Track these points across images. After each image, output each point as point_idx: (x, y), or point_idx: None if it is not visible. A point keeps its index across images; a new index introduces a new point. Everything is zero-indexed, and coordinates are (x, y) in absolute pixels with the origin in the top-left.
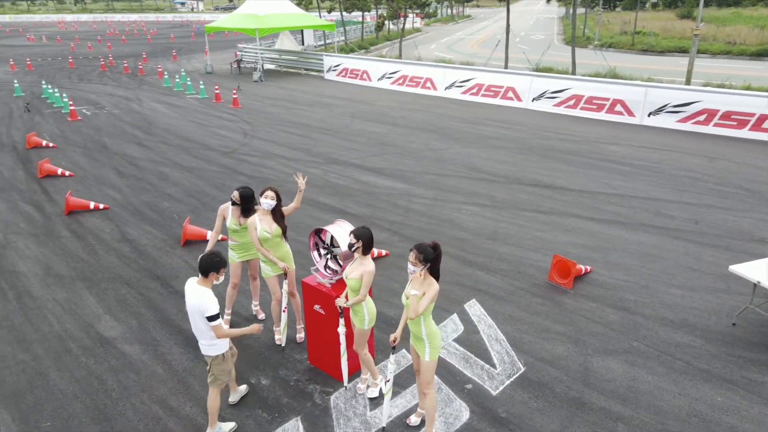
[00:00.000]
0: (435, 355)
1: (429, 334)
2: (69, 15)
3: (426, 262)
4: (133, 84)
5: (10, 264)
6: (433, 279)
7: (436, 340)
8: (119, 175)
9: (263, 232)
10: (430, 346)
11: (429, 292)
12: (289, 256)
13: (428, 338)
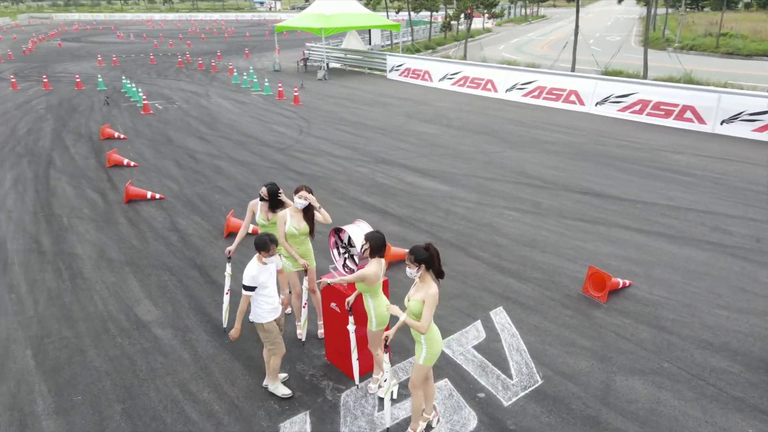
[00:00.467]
0: (430, 360)
1: (428, 339)
2: (157, 14)
3: (419, 262)
4: (205, 80)
5: (70, 246)
6: (431, 281)
7: (434, 347)
8: (178, 167)
9: (291, 228)
10: (426, 351)
11: (427, 300)
12: (310, 254)
13: (426, 343)
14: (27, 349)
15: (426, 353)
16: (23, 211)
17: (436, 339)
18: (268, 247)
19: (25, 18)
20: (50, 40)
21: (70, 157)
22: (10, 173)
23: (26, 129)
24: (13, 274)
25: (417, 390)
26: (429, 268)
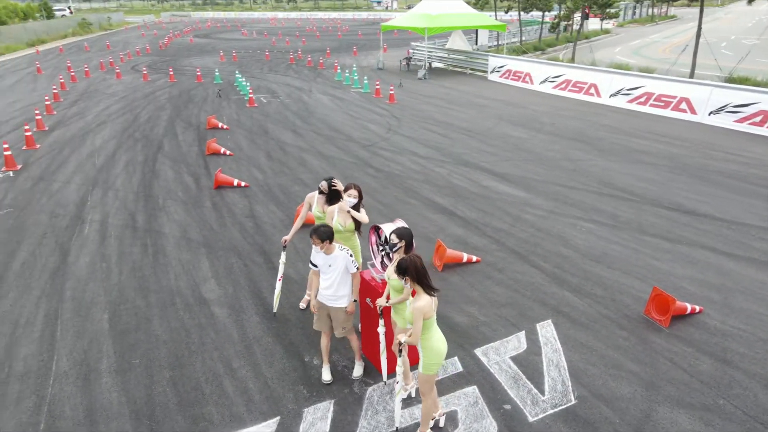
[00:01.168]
0: (430, 369)
1: (424, 348)
2: (281, 12)
3: (402, 274)
4: (311, 76)
5: (159, 225)
6: (422, 293)
7: (431, 355)
8: (268, 158)
9: (337, 224)
10: (424, 360)
11: (414, 312)
12: (356, 250)
13: (423, 352)
14: (105, 313)
15: (424, 361)
16: (128, 190)
17: (434, 348)
18: (312, 236)
19: (168, 16)
20: (184, 36)
21: (177, 143)
22: (124, 156)
23: (147, 117)
24: (108, 245)
25: (426, 397)
26: (416, 282)
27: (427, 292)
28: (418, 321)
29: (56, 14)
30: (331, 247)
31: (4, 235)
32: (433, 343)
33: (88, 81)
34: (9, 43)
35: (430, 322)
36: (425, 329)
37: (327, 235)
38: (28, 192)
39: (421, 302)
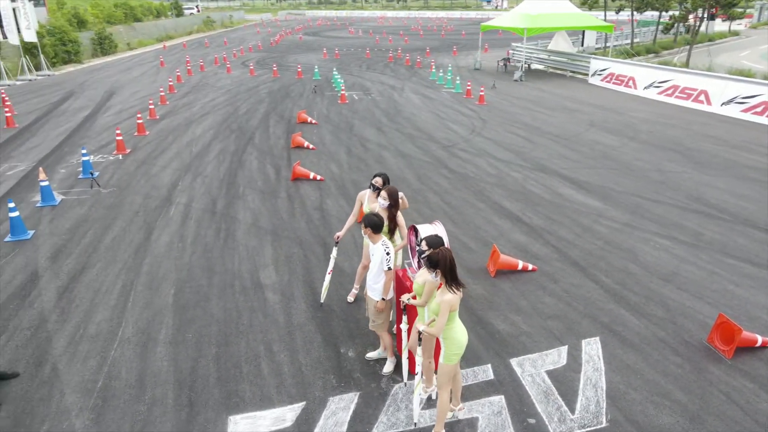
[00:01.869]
0: (451, 360)
1: (446, 339)
2: (390, 12)
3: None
4: (406, 75)
5: (234, 211)
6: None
7: (453, 346)
8: (348, 153)
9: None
10: (446, 350)
11: (442, 305)
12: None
13: (445, 342)
14: (172, 289)
15: (446, 351)
16: (214, 177)
17: (456, 338)
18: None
19: (284, 14)
20: (295, 33)
21: (267, 136)
22: (219, 145)
23: (246, 109)
24: (187, 227)
25: (443, 390)
26: (444, 276)
27: (450, 288)
28: (445, 314)
29: (185, 12)
30: (376, 237)
31: (104, 211)
32: (454, 334)
33: (202, 75)
34: (141, 38)
35: (454, 314)
36: (449, 321)
37: (370, 223)
38: (131, 174)
39: (449, 295)
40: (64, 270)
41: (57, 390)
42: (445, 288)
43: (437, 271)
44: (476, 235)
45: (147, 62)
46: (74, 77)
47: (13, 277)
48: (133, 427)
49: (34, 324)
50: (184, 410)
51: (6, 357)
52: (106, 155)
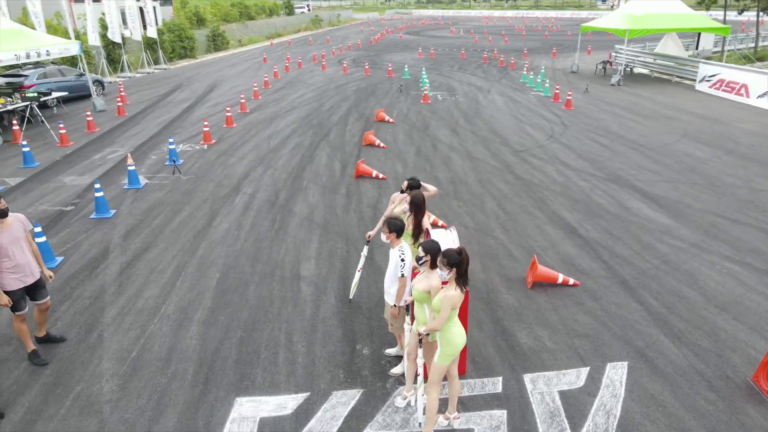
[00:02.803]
0: (444, 360)
1: (442, 339)
2: (498, 11)
3: (450, 266)
4: (497, 77)
5: (293, 204)
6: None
7: (448, 347)
8: (417, 153)
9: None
10: (441, 350)
11: (444, 300)
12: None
13: (441, 341)
14: (218, 273)
15: (440, 351)
16: (283, 170)
17: (452, 340)
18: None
19: (391, 13)
20: (397, 32)
21: (343, 132)
22: (295, 140)
23: (330, 106)
24: (247, 216)
25: (432, 389)
26: (458, 273)
27: (459, 284)
28: (446, 310)
29: (296, 11)
30: (395, 242)
31: (179, 196)
32: (451, 335)
33: (299, 71)
34: (252, 35)
35: (453, 313)
36: (447, 320)
37: (395, 228)
38: (211, 163)
39: (453, 292)
40: (131, 248)
41: (97, 356)
42: (451, 285)
43: (453, 270)
44: (524, 244)
45: (252, 58)
46: (185, 71)
47: (88, 250)
48: (151, 396)
49: (94, 294)
50: (199, 387)
51: (64, 321)
52: (194, 144)
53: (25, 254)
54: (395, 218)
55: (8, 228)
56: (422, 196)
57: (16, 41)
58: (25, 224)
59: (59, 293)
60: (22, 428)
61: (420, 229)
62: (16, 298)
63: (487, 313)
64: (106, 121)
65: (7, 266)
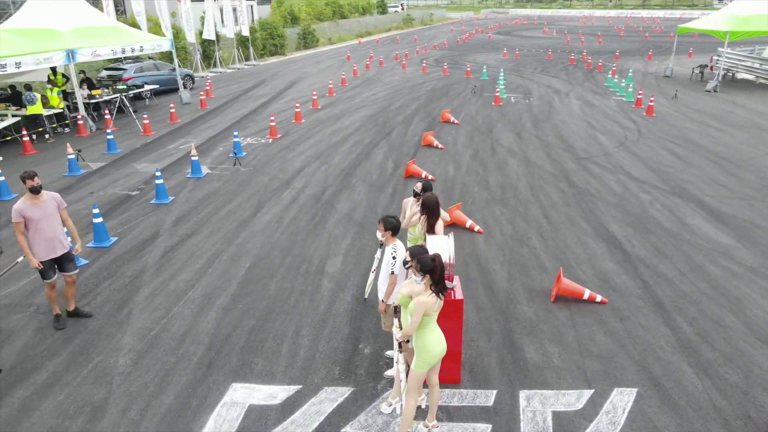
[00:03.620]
0: (420, 367)
1: (418, 346)
2: (599, 11)
3: (423, 272)
4: (580, 80)
5: (337, 200)
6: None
7: (424, 354)
8: (473, 156)
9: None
10: (417, 357)
11: (416, 305)
12: None
13: (417, 349)
14: (248, 262)
15: (416, 359)
16: (337, 167)
17: (428, 347)
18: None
19: (487, 12)
20: (488, 32)
21: (405, 132)
22: (356, 137)
23: (399, 105)
24: (290, 209)
25: (409, 396)
26: (432, 280)
27: (435, 291)
28: (418, 314)
29: (389, 10)
30: (390, 239)
31: (233, 187)
32: (426, 343)
33: (378, 70)
34: (342, 34)
35: (428, 320)
36: (422, 327)
37: (391, 226)
38: (271, 157)
39: (425, 298)
40: (178, 233)
41: (122, 331)
42: (426, 291)
43: (426, 276)
44: (559, 256)
45: (337, 56)
46: (272, 68)
47: (141, 233)
48: (157, 373)
49: (134, 274)
50: (202, 369)
51: (103, 297)
52: (260, 138)
53: (54, 229)
54: (391, 216)
55: (42, 203)
56: (435, 199)
57: (113, 38)
58: (58, 201)
59: (105, 271)
60: (40, 390)
61: (433, 232)
62: (45, 267)
63: (499, 324)
64: (188, 113)
65: (37, 239)
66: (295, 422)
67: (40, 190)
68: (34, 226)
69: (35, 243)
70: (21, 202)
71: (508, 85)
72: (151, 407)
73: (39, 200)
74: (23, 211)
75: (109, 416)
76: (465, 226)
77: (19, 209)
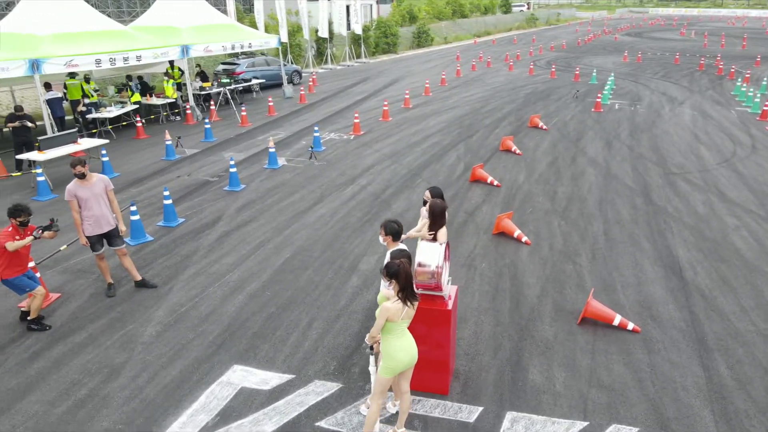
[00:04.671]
0: (385, 373)
1: (383, 351)
2: (756, 11)
3: (390, 277)
4: (704, 87)
5: (395, 199)
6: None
7: (388, 360)
8: (550, 164)
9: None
10: (383, 363)
11: (380, 309)
12: None
13: (383, 354)
14: (289, 253)
15: (382, 364)
16: (406, 166)
17: (392, 354)
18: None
19: (622, 12)
20: (616, 33)
21: (487, 136)
22: (437, 138)
23: (492, 107)
24: (347, 205)
25: (373, 401)
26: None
27: (402, 298)
28: (380, 319)
29: (514, 9)
30: (390, 244)
31: (302, 180)
32: (390, 350)
33: (484, 71)
34: (460, 33)
35: (393, 326)
36: (387, 332)
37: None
38: (347, 153)
39: (390, 303)
40: (237, 219)
41: (158, 305)
42: (394, 296)
43: (392, 281)
44: (604, 277)
45: (448, 56)
46: (380, 66)
47: (206, 216)
48: (174, 347)
49: (187, 254)
50: (213, 348)
51: (155, 272)
52: (342, 134)
53: (101, 208)
54: (393, 221)
55: (90, 185)
56: (441, 206)
57: (226, 35)
58: (105, 183)
59: (164, 248)
60: (75, 349)
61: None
62: (93, 241)
63: (512, 340)
64: (287, 107)
65: (86, 216)
66: (276, 409)
67: (85, 175)
68: (84, 205)
69: (84, 220)
70: (73, 183)
71: (616, 91)
72: (158, 376)
73: (89, 182)
74: (74, 190)
75: (120, 379)
76: (512, 236)
77: (71, 189)
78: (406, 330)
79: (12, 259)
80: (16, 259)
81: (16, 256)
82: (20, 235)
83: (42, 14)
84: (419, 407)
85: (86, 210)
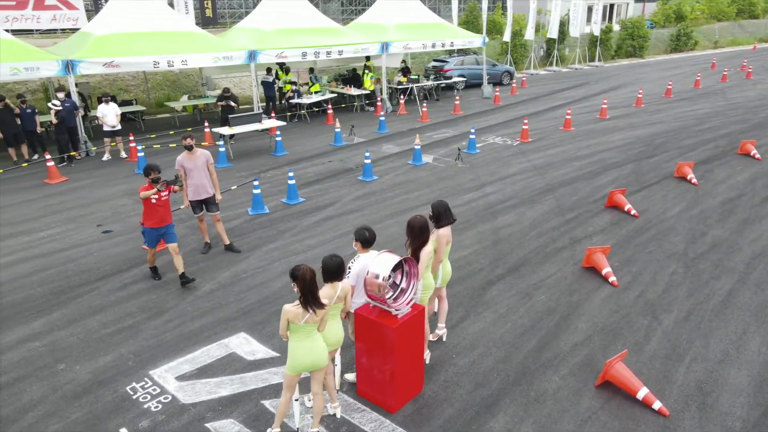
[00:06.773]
0: (287, 369)
1: (289, 350)
2: None
3: (293, 279)
4: None
5: (505, 213)
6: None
7: (290, 359)
8: (723, 202)
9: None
10: (288, 360)
11: (282, 312)
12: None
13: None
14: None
15: (288, 361)
16: (544, 180)
17: (293, 354)
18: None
19: None
20: None
21: (670, 158)
22: (604, 155)
23: (705, 127)
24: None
25: (282, 394)
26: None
27: (302, 303)
28: (282, 319)
29: None
30: (360, 250)
31: (433, 179)
32: (293, 349)
33: (735, 83)
34: (739, 36)
35: (297, 328)
36: (292, 332)
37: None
38: (497, 159)
39: (290, 306)
40: (346, 207)
41: (229, 267)
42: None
43: (295, 284)
44: (680, 343)
45: (703, 63)
46: (612, 70)
47: (324, 200)
48: (213, 305)
49: (284, 230)
50: (237, 314)
51: (247, 240)
52: (507, 139)
53: (202, 178)
54: (365, 228)
55: (195, 157)
56: (420, 221)
57: (430, 33)
58: (207, 157)
59: (270, 221)
60: (144, 290)
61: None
62: (193, 205)
63: (504, 382)
64: (478, 107)
65: (189, 183)
66: (243, 379)
67: (192, 147)
68: (189, 174)
69: (188, 186)
70: (181, 156)
71: None
72: (179, 327)
73: (194, 155)
74: (182, 162)
75: (159, 319)
76: (600, 273)
77: (180, 160)
78: (314, 333)
79: (148, 211)
80: (151, 211)
81: (152, 209)
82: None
83: (272, 12)
84: (358, 416)
85: (190, 179)
